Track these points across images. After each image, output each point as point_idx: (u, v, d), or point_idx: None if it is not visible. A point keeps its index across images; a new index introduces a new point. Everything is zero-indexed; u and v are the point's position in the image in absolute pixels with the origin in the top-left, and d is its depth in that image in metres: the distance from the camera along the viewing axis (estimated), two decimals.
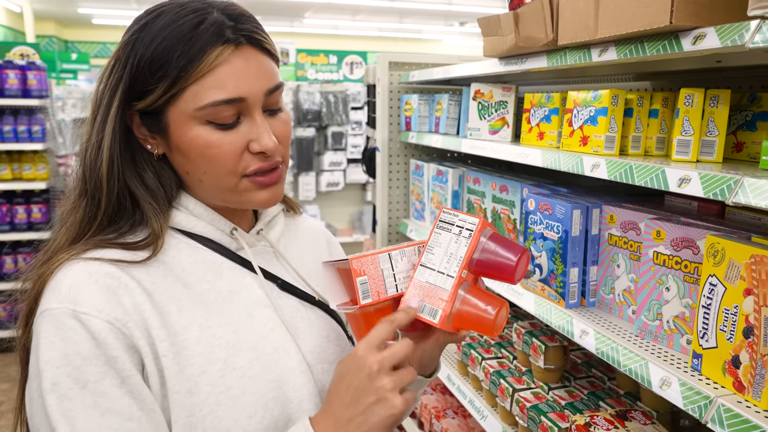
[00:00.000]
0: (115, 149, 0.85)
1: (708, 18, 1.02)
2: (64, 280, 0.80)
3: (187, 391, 0.81)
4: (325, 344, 0.98)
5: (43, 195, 4.69)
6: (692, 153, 1.21)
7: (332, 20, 14.06)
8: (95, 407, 0.75)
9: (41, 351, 0.77)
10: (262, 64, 0.86)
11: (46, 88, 4.59)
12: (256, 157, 0.87)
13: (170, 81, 0.82)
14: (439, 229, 0.90)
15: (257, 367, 0.87)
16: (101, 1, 11.86)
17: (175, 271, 0.87)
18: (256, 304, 0.92)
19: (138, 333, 0.80)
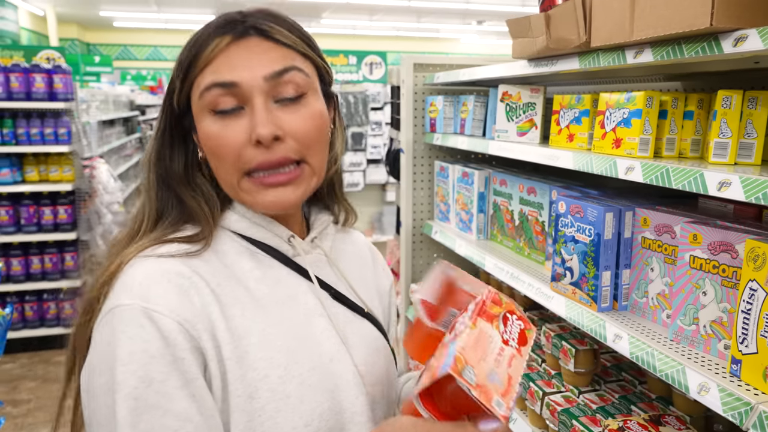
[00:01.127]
0: (155, 151, 0.91)
1: (750, 19, 1.01)
2: (136, 276, 0.80)
3: (248, 396, 0.81)
4: (375, 356, 0.98)
5: (69, 196, 4.76)
6: (730, 156, 1.20)
7: (350, 20, 14.09)
8: (157, 407, 0.75)
9: (112, 348, 0.76)
10: (266, 52, 0.85)
11: (71, 91, 4.66)
12: (257, 150, 0.83)
13: (183, 73, 0.86)
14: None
15: (315, 376, 0.86)
16: (122, 4, 12.02)
17: (237, 274, 0.88)
18: (312, 312, 0.92)
19: (205, 335, 0.80)
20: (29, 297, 4.75)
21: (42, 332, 4.78)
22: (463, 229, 2.30)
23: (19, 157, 4.62)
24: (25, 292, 4.71)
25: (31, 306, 4.76)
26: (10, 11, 9.87)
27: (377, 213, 6.03)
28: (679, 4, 1.07)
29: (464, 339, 0.74)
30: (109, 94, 6.91)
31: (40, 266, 4.72)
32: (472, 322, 0.78)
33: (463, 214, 2.28)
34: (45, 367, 4.58)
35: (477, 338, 0.76)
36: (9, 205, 4.58)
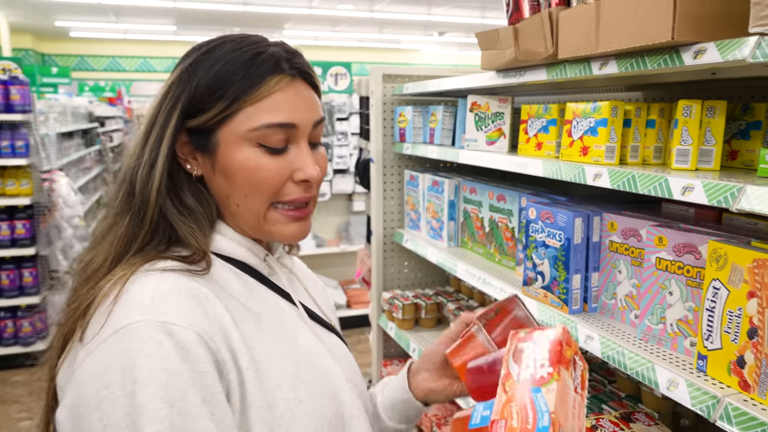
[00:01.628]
0: (165, 168, 0.87)
1: (709, 33, 1.07)
2: (145, 291, 0.77)
3: (268, 406, 0.81)
4: (354, 368, 1.03)
5: (27, 211, 4.64)
6: (691, 162, 1.26)
7: (312, 31, 14.11)
8: (180, 428, 0.71)
9: (125, 369, 0.72)
10: (312, 98, 0.92)
11: (29, 102, 4.56)
12: (298, 186, 0.90)
13: (229, 101, 0.85)
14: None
15: (318, 384, 0.89)
16: (79, 13, 11.77)
17: (230, 291, 0.89)
18: (297, 327, 0.95)
19: (223, 347, 0.79)
20: None
21: None
22: (434, 237, 2.33)
23: None
24: None
25: None
26: None
27: (344, 223, 6.04)
28: (642, 18, 1.12)
29: (553, 396, 0.69)
30: (67, 106, 6.76)
31: None
32: (556, 372, 0.72)
33: (434, 222, 2.32)
34: (2, 388, 4.43)
35: (562, 392, 0.71)
36: None
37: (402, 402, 1.06)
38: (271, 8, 11.07)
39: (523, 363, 0.75)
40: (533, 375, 0.72)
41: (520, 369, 0.74)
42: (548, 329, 0.80)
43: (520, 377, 0.73)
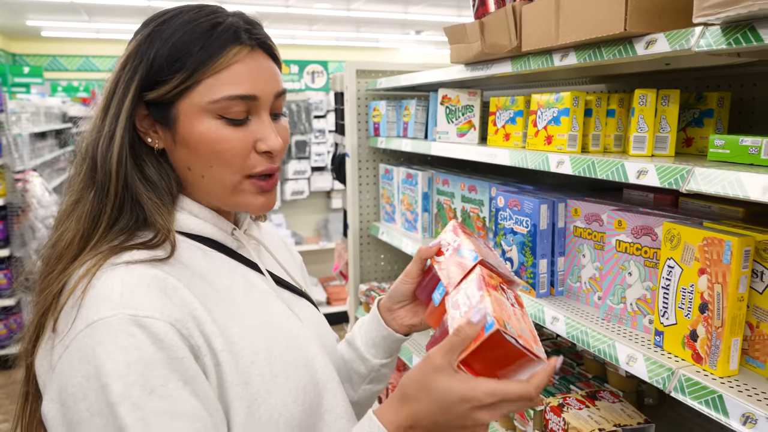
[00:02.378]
0: (125, 141, 0.87)
1: (659, 25, 1.13)
2: (114, 286, 0.78)
3: (244, 383, 0.84)
4: (324, 330, 1.06)
5: (0, 212, 4.58)
6: (647, 148, 1.32)
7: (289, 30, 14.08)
8: (164, 412, 0.74)
9: (100, 364, 0.74)
10: (272, 69, 0.93)
11: (0, 102, 4.50)
12: (262, 158, 0.91)
13: (188, 73, 0.85)
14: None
15: (290, 354, 0.91)
16: (50, 12, 11.59)
17: (197, 272, 0.89)
18: (267, 297, 0.97)
19: (196, 332, 0.81)
20: None
21: None
22: (408, 229, 2.38)
23: None
24: None
25: None
26: None
27: (323, 220, 6.07)
28: (597, 12, 1.18)
29: (489, 304, 0.80)
30: (40, 106, 6.67)
31: None
32: (486, 292, 0.83)
33: (408, 214, 2.36)
34: None
35: (498, 302, 0.83)
36: None
37: (383, 338, 1.09)
38: (247, 6, 11.00)
39: (458, 307, 0.86)
40: (470, 306, 0.84)
41: (460, 310, 0.85)
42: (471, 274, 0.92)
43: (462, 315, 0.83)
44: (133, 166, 0.89)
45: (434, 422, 0.78)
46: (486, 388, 0.75)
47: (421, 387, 0.78)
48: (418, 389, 0.79)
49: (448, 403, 0.77)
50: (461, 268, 0.93)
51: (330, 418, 0.96)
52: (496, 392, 0.75)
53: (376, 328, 1.11)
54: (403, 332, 1.08)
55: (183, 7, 0.92)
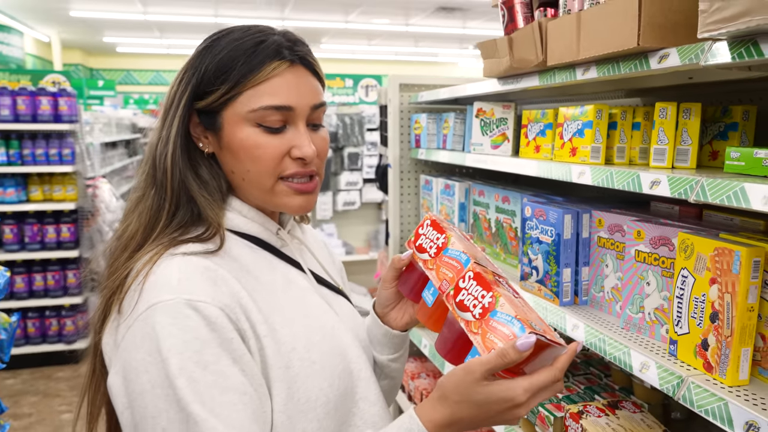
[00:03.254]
0: (179, 143, 0.98)
1: (673, 40, 1.16)
2: (173, 274, 0.89)
3: (285, 367, 0.93)
4: (359, 326, 1.14)
5: (72, 215, 4.89)
6: (668, 160, 1.34)
7: (349, 45, 14.40)
8: (215, 386, 0.84)
9: (161, 341, 0.84)
10: (310, 83, 1.00)
11: (76, 113, 4.83)
12: (295, 163, 0.98)
13: (231, 84, 0.95)
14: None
15: (328, 343, 1.00)
16: (125, 30, 12.31)
17: (245, 266, 0.98)
18: (307, 293, 1.05)
19: (242, 317, 0.90)
20: (32, 314, 4.85)
21: (44, 348, 4.88)
22: None
23: (24, 177, 4.77)
24: (28, 309, 4.82)
25: (34, 323, 4.87)
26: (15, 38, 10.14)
27: (374, 231, 6.17)
28: (613, 28, 1.22)
29: (507, 306, 0.86)
30: (112, 117, 7.10)
31: (42, 283, 4.84)
32: (495, 293, 0.88)
33: None
34: (46, 383, 4.68)
35: (510, 300, 0.88)
36: (14, 224, 4.72)
37: (383, 335, 1.15)
38: (308, 23, 11.37)
39: (467, 306, 0.91)
40: (482, 306, 0.88)
41: (471, 310, 0.90)
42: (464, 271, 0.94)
43: (477, 317, 0.88)
44: (188, 167, 1.00)
45: (473, 422, 0.85)
46: (524, 387, 0.82)
47: (461, 393, 0.84)
48: (459, 394, 0.84)
49: (488, 405, 0.83)
50: (453, 270, 0.96)
51: (364, 405, 1.03)
52: (531, 387, 0.82)
53: (376, 327, 1.17)
54: (400, 330, 1.15)
55: (235, 27, 1.02)
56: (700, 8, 0.99)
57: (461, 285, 0.94)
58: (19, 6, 9.87)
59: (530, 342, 0.81)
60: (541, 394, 0.84)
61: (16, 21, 10.54)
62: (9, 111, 4.59)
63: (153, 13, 10.37)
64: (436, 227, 1.06)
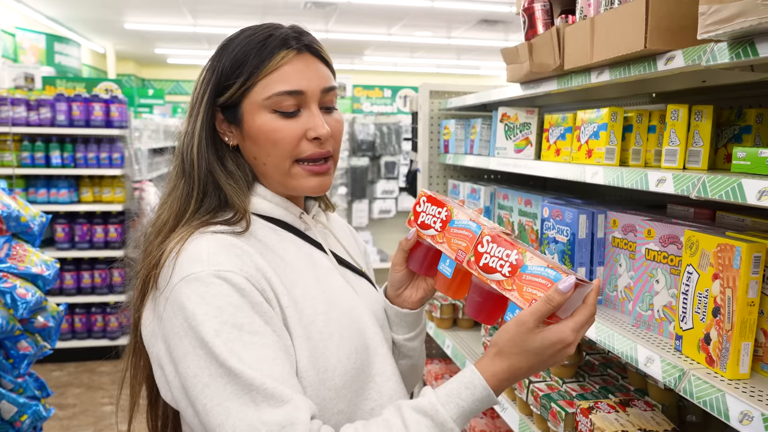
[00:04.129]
0: (203, 136, 1.07)
1: (680, 43, 1.20)
2: (203, 249, 0.97)
3: (306, 337, 1.00)
4: (378, 305, 1.19)
5: (119, 216, 5.12)
6: (679, 161, 1.37)
7: (391, 57, 14.56)
8: (252, 344, 0.92)
9: (195, 308, 0.92)
10: (319, 68, 1.08)
11: (126, 119, 5.07)
12: (311, 144, 1.05)
13: (246, 76, 1.03)
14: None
15: (346, 318, 1.07)
16: (176, 42, 12.77)
17: (269, 245, 1.06)
18: (328, 272, 1.12)
19: (267, 287, 0.98)
20: (79, 310, 5.09)
21: (89, 343, 5.10)
22: None
23: (76, 179, 5.02)
24: (76, 305, 5.05)
25: (80, 318, 5.10)
26: (74, 49, 10.65)
27: None
28: (623, 31, 1.27)
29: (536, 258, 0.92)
30: (160, 125, 7.39)
31: (90, 281, 5.07)
32: (521, 249, 0.94)
33: None
34: (90, 376, 4.89)
35: (534, 253, 0.94)
36: (65, 223, 4.97)
37: (395, 315, 1.19)
38: (352, 35, 11.58)
39: (495, 269, 0.96)
40: (512, 264, 0.94)
41: (501, 271, 0.95)
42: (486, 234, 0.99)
43: (507, 274, 0.94)
44: (214, 159, 1.09)
45: (531, 369, 0.93)
46: (571, 327, 0.90)
47: (518, 344, 0.90)
48: (515, 346, 0.91)
49: (543, 350, 0.90)
50: (466, 239, 1.01)
51: (380, 379, 1.10)
52: (577, 326, 0.90)
53: (388, 309, 1.21)
54: (414, 308, 1.20)
55: (247, 27, 1.11)
56: (700, 11, 1.03)
57: (481, 249, 0.98)
58: (77, 19, 10.37)
59: (571, 283, 0.87)
60: (583, 329, 0.91)
61: (74, 33, 11.08)
62: (65, 116, 4.85)
63: (202, 25, 10.74)
64: (433, 202, 1.09)
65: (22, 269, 2.49)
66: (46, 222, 2.82)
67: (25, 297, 2.42)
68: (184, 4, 9.19)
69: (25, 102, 4.83)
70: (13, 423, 2.45)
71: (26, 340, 2.51)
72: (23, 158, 4.83)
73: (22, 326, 2.49)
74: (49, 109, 4.85)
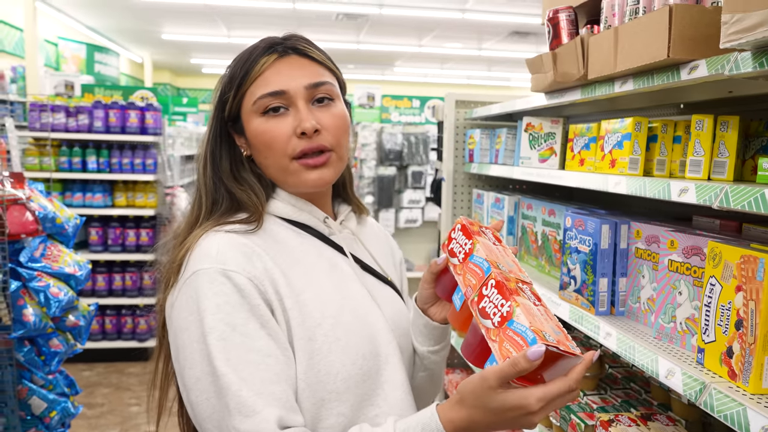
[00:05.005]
0: (208, 149, 1.12)
1: (704, 52, 1.19)
2: (212, 246, 1.01)
3: (308, 339, 1.02)
4: (398, 313, 1.20)
5: (151, 221, 5.23)
6: (704, 171, 1.35)
7: (421, 68, 14.62)
8: (242, 345, 0.95)
9: (199, 302, 0.96)
10: (304, 67, 1.10)
11: (160, 126, 5.19)
12: (301, 140, 1.06)
13: (236, 88, 1.09)
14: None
15: (357, 325, 1.07)
16: (211, 52, 13.04)
17: (287, 248, 1.09)
18: (348, 278, 1.13)
19: (270, 290, 1.01)
20: (109, 311, 5.20)
21: (118, 344, 5.20)
22: None
23: (111, 184, 5.15)
24: (106, 307, 5.16)
25: (111, 319, 5.21)
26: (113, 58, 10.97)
27: (434, 249, 6.22)
28: (647, 41, 1.26)
29: (523, 316, 0.87)
30: (193, 132, 7.54)
31: (121, 283, 5.18)
32: (513, 302, 0.89)
33: None
34: (119, 377, 4.98)
35: (527, 311, 0.88)
36: (99, 227, 5.10)
37: (424, 326, 1.20)
38: (382, 46, 11.67)
39: (489, 316, 0.93)
40: (501, 315, 0.90)
41: (492, 320, 0.92)
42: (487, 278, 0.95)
43: (494, 324, 0.91)
44: (228, 168, 1.13)
45: (489, 426, 0.90)
46: (537, 395, 0.85)
47: (478, 398, 0.88)
48: (475, 399, 0.88)
49: (503, 411, 0.87)
50: (476, 277, 0.99)
51: (388, 388, 1.10)
52: (545, 396, 0.85)
53: (417, 318, 1.22)
54: (440, 323, 1.20)
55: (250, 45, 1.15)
56: (722, 20, 1.02)
57: (484, 292, 0.96)
58: (116, 29, 10.68)
59: (540, 352, 0.82)
60: (554, 402, 0.86)
61: (114, 43, 11.40)
62: (101, 123, 4.99)
63: (236, 36, 10.95)
64: (465, 232, 1.07)
65: (55, 269, 2.56)
66: (81, 224, 2.90)
67: (58, 296, 2.49)
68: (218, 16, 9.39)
69: (64, 109, 4.99)
70: (42, 419, 2.52)
71: (57, 338, 2.58)
72: (61, 163, 4.98)
73: (54, 324, 2.56)
74: (87, 116, 4.99)
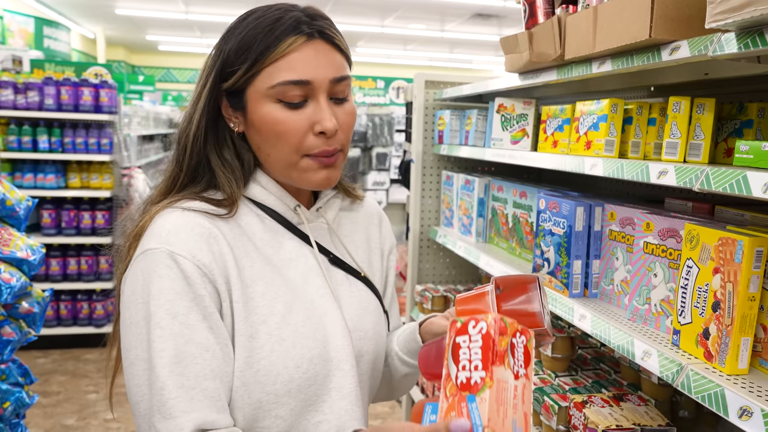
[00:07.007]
0: (202, 122, 1.02)
1: (685, 33, 1.18)
2: (165, 224, 0.95)
3: (249, 336, 0.96)
4: (364, 314, 1.12)
5: (107, 203, 5.05)
6: (680, 154, 1.35)
7: (384, 49, 14.50)
8: (181, 336, 0.90)
9: (145, 283, 0.91)
10: (330, 56, 1.00)
11: (115, 105, 4.99)
12: (318, 139, 0.99)
13: (250, 63, 0.97)
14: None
15: (308, 326, 1.01)
16: (167, 29, 12.62)
17: (248, 233, 1.03)
18: (310, 273, 1.06)
19: (220, 279, 0.95)
20: (64, 296, 5.02)
21: (74, 330, 5.04)
22: (464, 233, 2.47)
23: (64, 164, 4.94)
24: (61, 292, 4.98)
25: (66, 305, 5.03)
26: (63, 33, 10.50)
27: (399, 231, 6.20)
28: (627, 20, 1.24)
29: (486, 406, 0.71)
30: (150, 112, 7.30)
31: (76, 267, 5.00)
32: (489, 377, 0.72)
33: (465, 218, 2.45)
34: (75, 364, 4.83)
35: (497, 396, 0.72)
36: (52, 209, 4.90)
37: (411, 331, 1.16)
38: (345, 26, 11.49)
39: (460, 362, 0.76)
40: (468, 379, 0.74)
41: (458, 370, 0.75)
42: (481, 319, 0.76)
43: (458, 380, 0.75)
44: (213, 146, 1.05)
45: None
46: None
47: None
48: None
49: None
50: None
51: (336, 395, 1.03)
52: None
53: (412, 339, 1.16)
54: None
55: (257, 8, 1.03)
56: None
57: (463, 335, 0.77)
58: (67, 2, 10.22)
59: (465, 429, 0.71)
60: None
61: (63, 17, 10.91)
62: (53, 100, 4.77)
63: (195, 12, 10.61)
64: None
65: (6, 253, 2.44)
66: (33, 206, 2.76)
67: (10, 282, 2.37)
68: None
69: (12, 85, 4.75)
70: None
71: (10, 326, 2.46)
72: (9, 142, 4.75)
73: (6, 312, 2.44)
74: (37, 93, 4.76)
